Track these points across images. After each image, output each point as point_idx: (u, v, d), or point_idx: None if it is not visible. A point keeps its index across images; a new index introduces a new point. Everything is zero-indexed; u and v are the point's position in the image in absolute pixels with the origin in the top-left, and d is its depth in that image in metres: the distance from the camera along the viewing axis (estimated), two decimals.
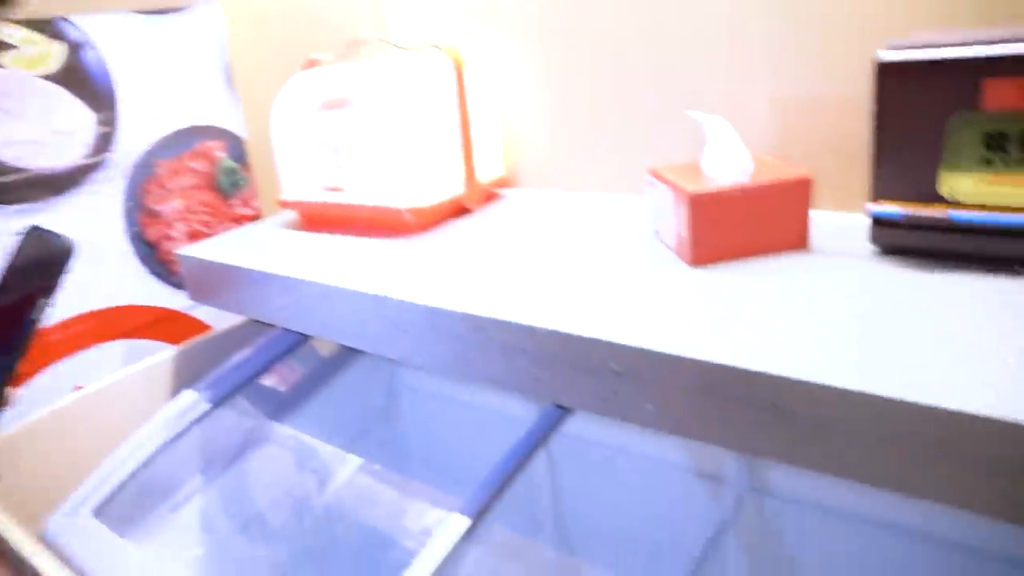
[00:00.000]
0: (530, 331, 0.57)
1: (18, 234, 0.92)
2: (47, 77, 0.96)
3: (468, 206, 0.89)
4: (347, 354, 1.00)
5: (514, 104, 0.96)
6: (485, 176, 0.91)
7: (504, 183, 0.96)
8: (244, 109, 1.16)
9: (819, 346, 0.48)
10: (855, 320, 0.52)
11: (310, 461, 0.98)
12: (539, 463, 0.90)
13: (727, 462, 0.84)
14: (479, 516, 0.60)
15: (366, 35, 0.94)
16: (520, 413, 0.95)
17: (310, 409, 0.97)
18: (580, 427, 0.85)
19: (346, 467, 0.95)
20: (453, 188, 0.87)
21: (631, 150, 0.87)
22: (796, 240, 0.66)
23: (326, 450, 0.99)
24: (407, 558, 0.69)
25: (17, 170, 0.94)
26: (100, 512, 0.77)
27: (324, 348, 1.03)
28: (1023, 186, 0.57)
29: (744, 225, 0.65)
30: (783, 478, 0.83)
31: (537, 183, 0.96)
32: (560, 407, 0.67)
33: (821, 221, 0.70)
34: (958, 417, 0.41)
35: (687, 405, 0.52)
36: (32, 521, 0.75)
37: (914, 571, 0.75)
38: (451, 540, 0.58)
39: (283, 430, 1.00)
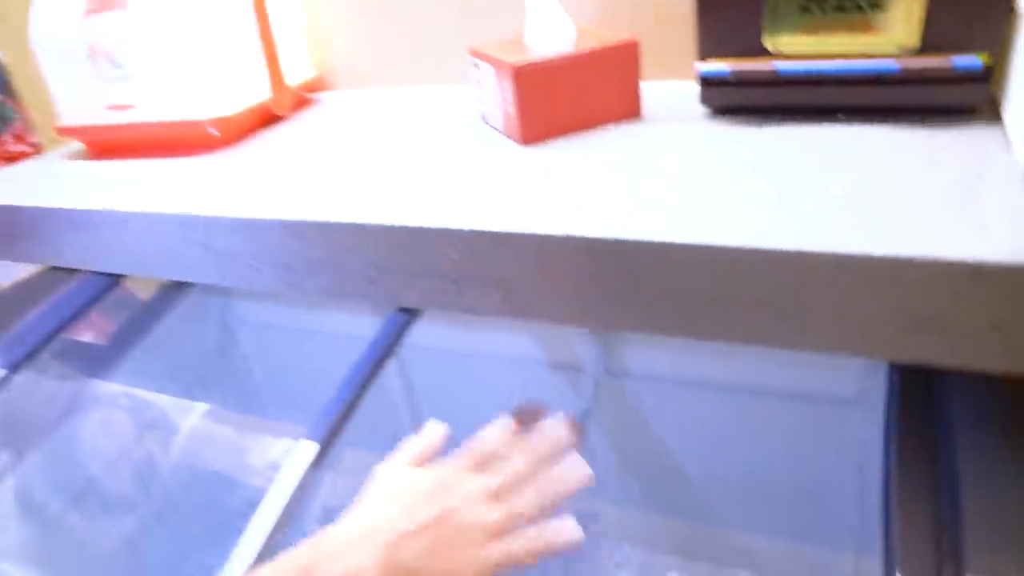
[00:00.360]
0: (358, 230, 0.52)
1: None
2: None
3: (278, 112, 0.80)
4: (170, 293, 0.90)
5: None
6: (293, 79, 0.83)
7: (316, 86, 0.88)
8: None
9: (660, 208, 0.46)
10: (692, 180, 0.50)
11: (146, 416, 0.89)
12: (391, 376, 0.85)
13: (582, 350, 0.84)
14: (328, 439, 0.55)
15: None
16: (368, 330, 0.90)
17: (137, 360, 0.87)
18: (430, 334, 0.81)
19: (187, 417, 0.87)
20: (258, 94, 0.78)
21: (449, 35, 0.81)
22: (628, 109, 0.64)
23: (161, 401, 0.91)
24: (260, 496, 0.63)
25: None
26: None
27: (143, 290, 0.92)
28: (840, 33, 0.56)
29: (573, 96, 0.61)
30: (637, 357, 0.83)
31: (352, 83, 0.89)
32: (405, 311, 0.62)
33: (652, 91, 0.68)
34: (802, 257, 0.40)
35: (535, 286, 0.49)
36: None
37: (771, 426, 0.78)
38: (301, 468, 0.53)
39: (109, 387, 0.90)
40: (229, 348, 1.02)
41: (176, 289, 0.91)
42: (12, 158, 0.99)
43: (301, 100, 0.85)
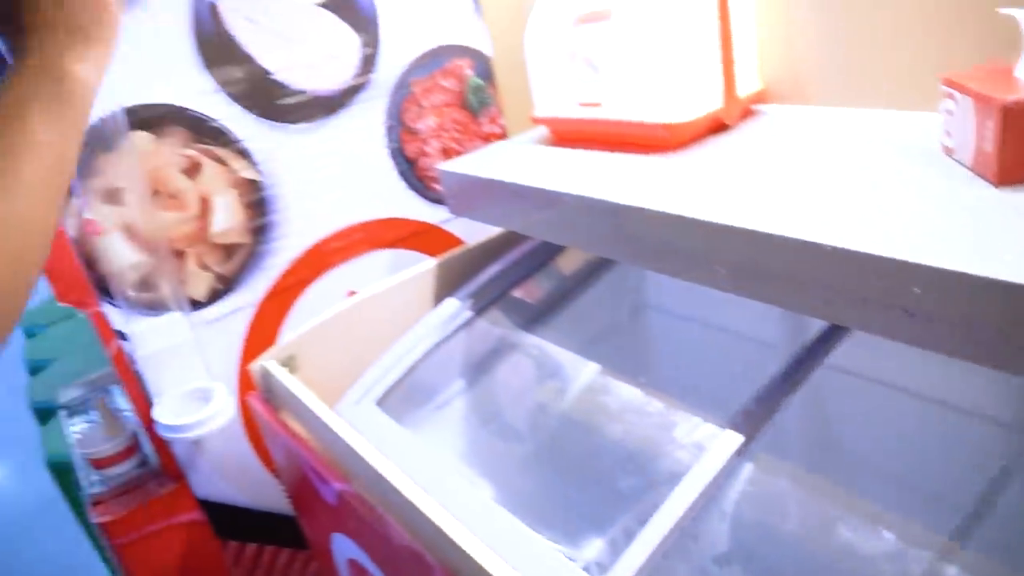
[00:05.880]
0: (815, 248, 0.55)
1: None
2: (321, 5, 1.03)
3: (726, 122, 0.86)
4: (590, 271, 1.02)
5: (773, 12, 0.91)
6: (743, 90, 0.88)
7: (761, 98, 0.92)
8: (489, 28, 1.19)
9: None
10: None
11: (556, 370, 1.02)
12: (807, 389, 0.87)
13: (1010, 402, 0.78)
14: (751, 435, 0.60)
15: None
16: (773, 335, 0.93)
17: (556, 322, 1.00)
18: (856, 357, 0.81)
19: (591, 377, 0.97)
20: (711, 103, 0.85)
21: (912, 59, 0.79)
22: None
23: (569, 359, 1.02)
24: (649, 462, 0.71)
25: (298, 92, 1.03)
26: (381, 402, 0.85)
27: (566, 266, 1.06)
28: None
29: None
30: None
31: (798, 98, 0.91)
32: (835, 328, 0.64)
33: None
34: None
35: (997, 334, 0.48)
36: None
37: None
38: (724, 456, 0.59)
39: (527, 337, 1.04)
40: (634, 327, 1.12)
41: (596, 268, 1.03)
42: (485, 137, 1.19)
43: (747, 111, 0.90)
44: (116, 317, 0.97)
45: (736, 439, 0.60)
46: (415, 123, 1.13)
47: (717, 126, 0.86)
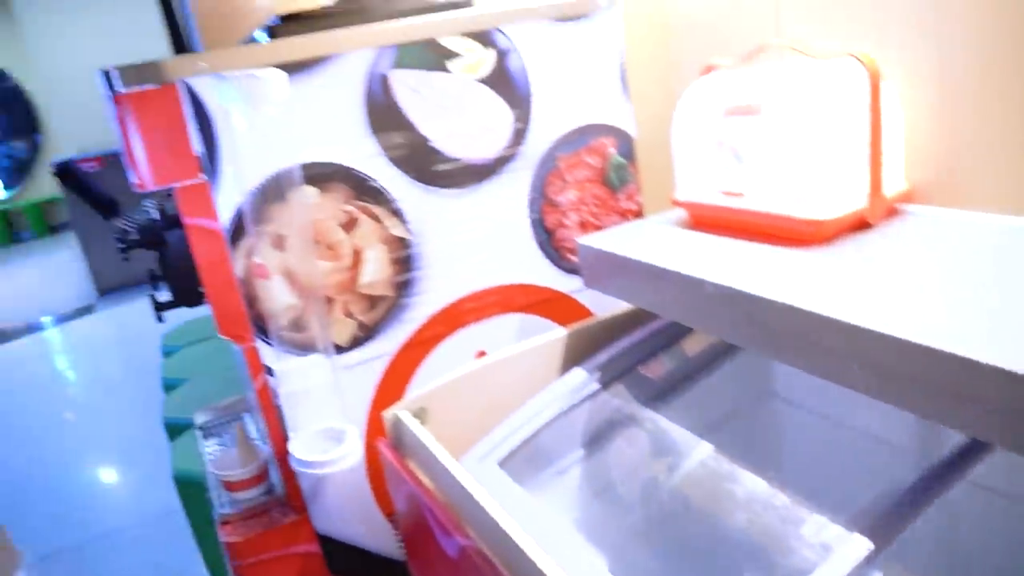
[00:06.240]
0: (970, 364, 0.55)
1: None
2: (481, 80, 1.11)
3: (870, 220, 0.86)
4: (718, 354, 1.03)
5: (923, 111, 0.91)
6: (888, 189, 0.88)
7: (907, 198, 0.92)
8: (633, 109, 1.23)
9: None
10: None
11: (678, 451, 1.02)
12: (950, 503, 0.84)
13: None
14: (884, 543, 0.59)
15: (774, 42, 0.95)
16: (903, 440, 0.91)
17: (680, 402, 1.01)
18: (993, 469, 0.78)
19: (713, 461, 0.97)
20: (856, 201, 0.85)
21: None
22: None
23: (692, 441, 1.02)
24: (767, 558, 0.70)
25: (454, 159, 1.11)
26: (504, 463, 0.89)
27: (693, 347, 1.07)
28: None
29: None
30: None
31: (946, 200, 0.90)
32: (978, 442, 0.63)
33: None
34: None
35: None
36: None
37: None
38: (852, 561, 0.59)
39: (644, 411, 1.06)
40: (756, 415, 1.11)
41: (722, 352, 1.03)
42: (622, 213, 1.23)
43: (891, 210, 0.90)
44: (267, 353, 1.05)
45: (865, 545, 0.60)
46: (557, 196, 1.18)
47: (859, 223, 0.86)
